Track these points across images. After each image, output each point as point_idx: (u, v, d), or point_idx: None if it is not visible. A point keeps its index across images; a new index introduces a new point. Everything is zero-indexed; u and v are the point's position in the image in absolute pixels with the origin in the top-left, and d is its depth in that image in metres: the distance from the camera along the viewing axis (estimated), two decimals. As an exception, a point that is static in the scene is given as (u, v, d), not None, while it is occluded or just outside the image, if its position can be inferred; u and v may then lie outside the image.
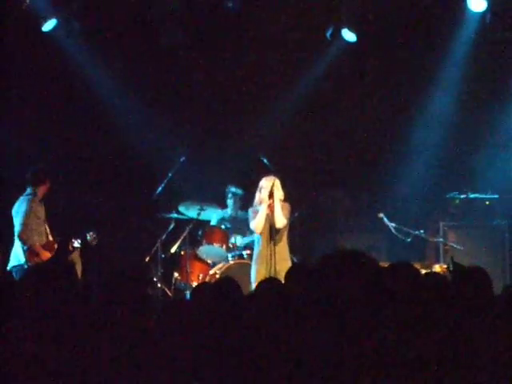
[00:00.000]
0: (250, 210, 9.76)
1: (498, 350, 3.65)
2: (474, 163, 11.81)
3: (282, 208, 9.54)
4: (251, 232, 10.15)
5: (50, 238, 9.74)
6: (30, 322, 4.48)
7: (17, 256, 9.53)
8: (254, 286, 9.25)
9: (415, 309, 3.72)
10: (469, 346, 3.68)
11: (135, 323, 4.37)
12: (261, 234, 9.52)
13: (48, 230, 9.75)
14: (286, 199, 9.69)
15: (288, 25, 11.73)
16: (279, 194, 9.59)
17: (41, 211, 9.68)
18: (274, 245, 9.45)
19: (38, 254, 9.46)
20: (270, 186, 9.51)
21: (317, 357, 3.49)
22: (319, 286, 3.51)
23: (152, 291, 9.74)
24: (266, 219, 9.50)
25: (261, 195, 9.61)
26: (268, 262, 9.34)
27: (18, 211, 9.58)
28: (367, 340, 3.39)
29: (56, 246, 9.60)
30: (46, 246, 9.60)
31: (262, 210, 9.50)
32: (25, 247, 9.49)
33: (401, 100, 12.12)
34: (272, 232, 9.48)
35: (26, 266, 9.37)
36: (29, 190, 9.69)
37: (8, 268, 9.57)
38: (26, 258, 9.44)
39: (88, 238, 9.83)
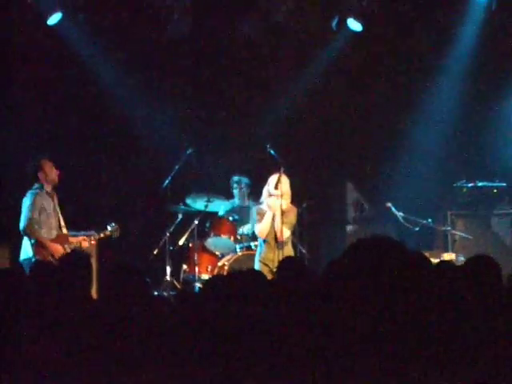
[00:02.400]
0: (255, 209, 9.82)
1: (505, 340, 3.66)
2: (482, 151, 11.78)
3: (289, 211, 9.59)
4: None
5: (65, 231, 9.64)
6: (38, 314, 4.51)
7: (25, 250, 9.51)
8: None
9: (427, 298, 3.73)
10: (476, 335, 3.69)
11: (141, 320, 4.39)
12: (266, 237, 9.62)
13: (62, 222, 9.65)
14: (293, 200, 9.74)
15: (293, 14, 11.69)
16: (285, 190, 9.64)
17: (48, 204, 9.54)
18: (281, 247, 9.53)
19: (45, 247, 9.39)
20: (275, 179, 9.56)
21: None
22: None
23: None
24: (271, 224, 9.56)
25: (269, 190, 9.69)
26: (275, 264, 9.38)
27: (23, 205, 9.53)
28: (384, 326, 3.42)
29: (69, 239, 9.60)
30: (58, 240, 9.50)
31: (268, 216, 9.57)
32: (32, 241, 9.45)
33: (407, 89, 12.09)
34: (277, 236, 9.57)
35: (33, 260, 9.34)
36: (35, 185, 9.63)
37: (20, 260, 9.56)
38: (33, 251, 9.41)
39: (109, 229, 9.84)
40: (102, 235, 9.85)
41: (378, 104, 12.22)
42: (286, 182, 9.67)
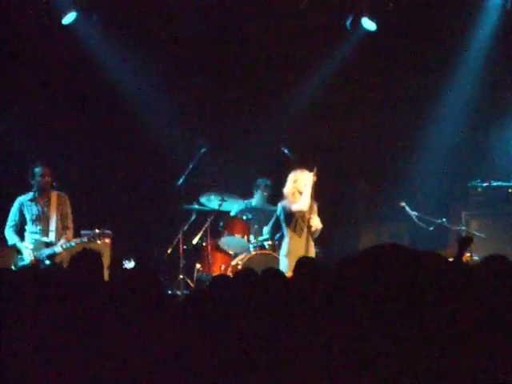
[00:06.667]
0: (283, 203, 9.81)
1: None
2: (496, 151, 11.74)
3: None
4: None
5: (51, 236, 9.69)
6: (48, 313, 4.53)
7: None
8: None
9: (440, 298, 3.74)
10: (490, 335, 3.69)
11: (151, 319, 4.41)
12: (294, 230, 9.60)
13: (52, 227, 9.70)
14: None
15: (308, 14, 11.67)
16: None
17: (32, 210, 9.73)
18: (307, 239, 9.59)
19: (20, 251, 9.59)
20: (310, 178, 9.66)
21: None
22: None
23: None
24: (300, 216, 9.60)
25: (297, 187, 9.69)
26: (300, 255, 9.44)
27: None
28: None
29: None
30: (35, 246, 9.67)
31: (308, 190, 9.65)
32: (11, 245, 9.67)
33: (422, 88, 12.07)
34: (304, 227, 9.62)
35: (16, 264, 9.55)
36: (26, 192, 9.86)
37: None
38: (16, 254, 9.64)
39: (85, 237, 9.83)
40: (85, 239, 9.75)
41: (393, 103, 12.20)
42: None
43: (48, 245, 9.62)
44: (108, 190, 11.77)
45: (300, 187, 9.73)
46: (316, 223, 9.76)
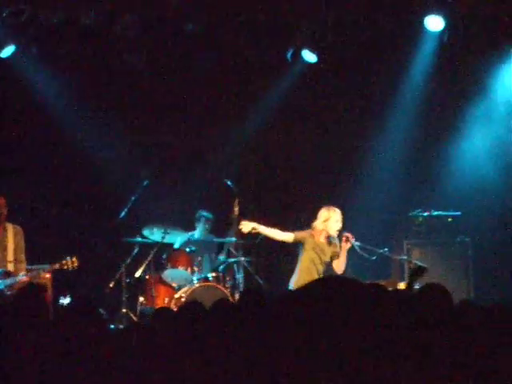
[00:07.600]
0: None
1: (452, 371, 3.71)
2: (436, 181, 11.90)
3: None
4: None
5: (10, 267, 9.60)
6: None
7: None
8: None
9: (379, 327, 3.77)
10: (429, 361, 3.72)
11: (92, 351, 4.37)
12: (305, 263, 9.58)
13: (10, 257, 9.62)
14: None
15: (248, 46, 11.74)
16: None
17: None
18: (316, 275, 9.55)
19: None
20: (340, 220, 9.66)
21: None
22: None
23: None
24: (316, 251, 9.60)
25: (327, 226, 9.66)
26: None
27: None
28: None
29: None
30: None
31: (344, 252, 9.69)
32: None
33: (362, 118, 12.20)
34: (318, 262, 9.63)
35: None
36: None
37: None
38: None
39: (64, 261, 9.75)
40: (57, 266, 9.75)
41: (333, 134, 12.32)
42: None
43: (6, 275, 9.46)
44: (49, 222, 11.65)
45: (329, 227, 9.67)
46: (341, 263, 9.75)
